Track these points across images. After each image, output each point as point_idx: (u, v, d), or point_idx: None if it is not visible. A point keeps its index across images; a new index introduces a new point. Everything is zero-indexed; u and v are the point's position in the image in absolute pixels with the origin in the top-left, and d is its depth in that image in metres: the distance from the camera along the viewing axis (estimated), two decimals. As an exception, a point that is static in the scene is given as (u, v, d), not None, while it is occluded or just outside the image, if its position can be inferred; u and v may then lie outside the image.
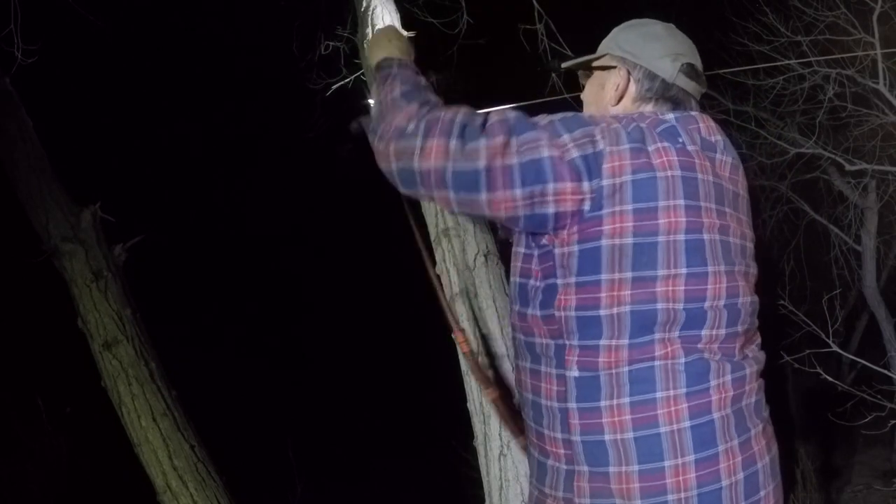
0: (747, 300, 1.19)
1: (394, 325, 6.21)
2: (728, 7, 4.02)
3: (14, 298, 4.38)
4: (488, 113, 1.16)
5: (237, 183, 6.20)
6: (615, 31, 1.34)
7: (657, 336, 1.09)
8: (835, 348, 2.99)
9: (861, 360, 3.23)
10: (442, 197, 1.11)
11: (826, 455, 4.39)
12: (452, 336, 1.86)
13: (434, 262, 1.84)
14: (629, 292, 1.08)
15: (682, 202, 1.09)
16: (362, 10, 2.23)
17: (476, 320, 1.76)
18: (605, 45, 1.34)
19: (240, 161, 6.18)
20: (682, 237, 1.09)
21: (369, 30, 2.18)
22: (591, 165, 1.07)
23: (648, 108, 1.26)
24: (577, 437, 1.12)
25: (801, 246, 4.73)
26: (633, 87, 1.28)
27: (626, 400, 1.08)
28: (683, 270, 1.09)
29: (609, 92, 1.30)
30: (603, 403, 1.09)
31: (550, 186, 1.07)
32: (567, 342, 1.12)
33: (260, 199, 6.40)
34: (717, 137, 1.21)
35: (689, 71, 1.27)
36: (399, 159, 1.13)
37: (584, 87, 1.40)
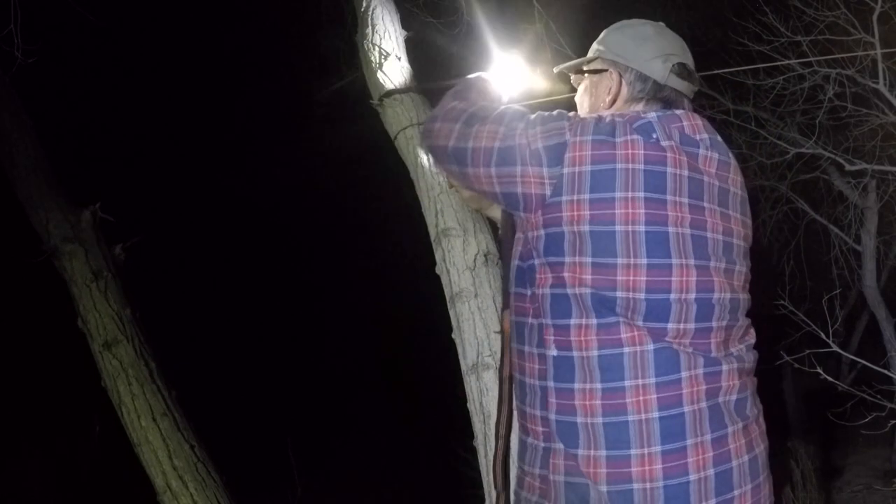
0: (725, 297, 1.19)
1: (394, 325, 6.21)
2: (728, 7, 4.02)
3: (14, 298, 4.38)
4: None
5: (237, 183, 6.20)
6: (605, 33, 1.35)
7: (622, 319, 1.12)
8: (835, 348, 2.99)
9: (861, 360, 3.23)
10: (447, 170, 1.35)
11: (826, 455, 4.39)
12: (452, 336, 1.86)
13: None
14: (589, 276, 1.12)
15: (641, 194, 1.12)
16: (362, 10, 2.23)
17: (476, 321, 1.76)
18: (596, 48, 1.35)
19: (240, 161, 6.18)
20: (641, 228, 1.12)
21: (369, 30, 2.18)
22: (553, 154, 1.14)
23: (640, 107, 1.27)
24: (553, 416, 1.15)
25: (801, 246, 4.73)
26: (625, 90, 1.29)
27: (598, 385, 1.12)
28: (644, 261, 1.12)
29: (602, 95, 1.31)
30: (577, 386, 1.13)
31: (518, 169, 1.17)
32: (544, 321, 1.17)
33: (260, 199, 6.40)
34: (703, 135, 1.21)
35: (680, 71, 1.28)
36: (426, 134, 1.37)
37: (577, 89, 1.42)
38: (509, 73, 1.65)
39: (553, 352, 1.15)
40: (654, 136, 1.15)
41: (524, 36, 2.69)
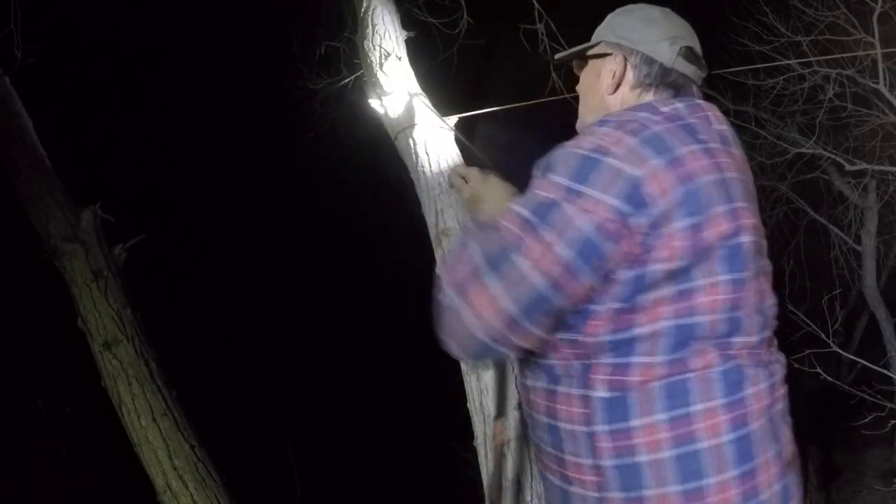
0: (770, 302, 1.13)
1: (394, 325, 6.21)
2: (728, 7, 4.02)
3: (14, 298, 4.38)
4: (497, 218, 1.05)
5: (237, 183, 6.20)
6: (609, 17, 1.28)
7: (693, 349, 1.03)
8: (835, 348, 2.99)
9: (861, 360, 3.23)
10: (526, 336, 1.02)
11: (826, 455, 4.38)
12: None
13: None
14: (670, 307, 1.02)
15: (721, 208, 1.03)
16: (362, 10, 2.23)
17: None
18: (600, 33, 1.28)
19: (240, 161, 6.18)
20: (723, 243, 1.03)
21: (369, 30, 2.18)
22: (632, 198, 0.99)
23: (649, 96, 1.20)
24: (607, 462, 1.04)
25: (801, 246, 4.73)
26: (630, 74, 1.20)
27: (662, 416, 1.01)
28: (724, 277, 1.03)
29: (605, 80, 1.23)
30: (635, 423, 1.02)
31: (610, 248, 0.99)
32: (594, 361, 1.04)
33: (260, 199, 6.40)
34: (724, 127, 1.16)
35: (687, 54, 1.20)
36: (458, 339, 1.04)
37: (580, 78, 1.34)
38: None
39: (601, 393, 1.03)
40: (702, 137, 1.08)
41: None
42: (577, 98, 1.36)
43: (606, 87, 1.23)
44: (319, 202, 6.45)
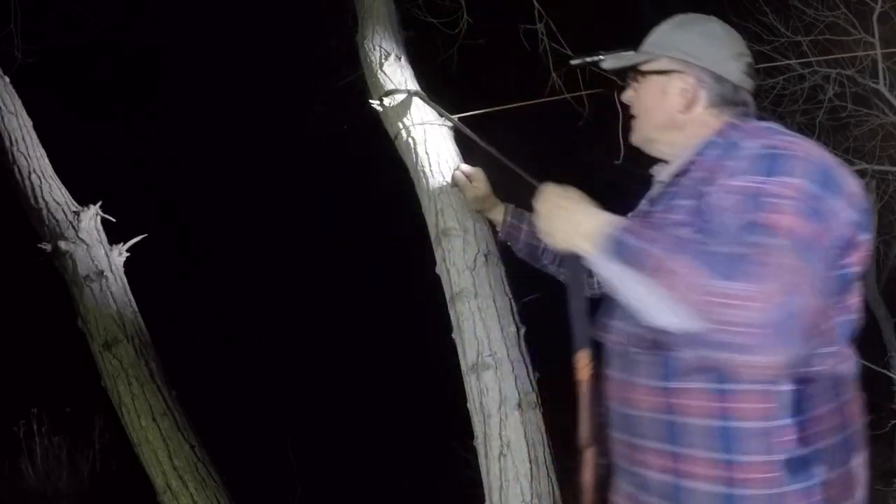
0: None
1: (394, 325, 6.21)
2: (728, 7, 4.03)
3: (14, 298, 4.38)
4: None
5: (237, 182, 6.20)
6: (667, 29, 1.25)
7: (846, 342, 1.13)
8: (835, 348, 2.98)
9: (861, 361, 3.23)
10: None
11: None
12: (453, 336, 1.86)
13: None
14: (843, 305, 1.10)
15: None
16: (363, 10, 2.23)
17: (476, 321, 1.76)
18: (660, 46, 1.24)
19: (240, 161, 6.18)
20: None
21: (369, 30, 2.18)
22: (851, 204, 1.04)
23: (726, 115, 1.19)
24: (781, 456, 1.05)
25: (801, 246, 4.73)
26: (703, 94, 1.20)
27: (833, 405, 1.09)
28: (856, 284, 1.14)
29: (674, 98, 1.21)
30: (816, 412, 1.07)
31: (839, 250, 1.03)
32: None
33: (260, 199, 6.40)
34: None
35: (750, 70, 1.21)
36: (780, 336, 0.93)
37: (631, 90, 1.30)
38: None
39: (787, 386, 1.05)
40: None
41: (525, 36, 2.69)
42: (577, 98, 1.35)
43: (677, 105, 1.21)
44: (318, 202, 6.45)
